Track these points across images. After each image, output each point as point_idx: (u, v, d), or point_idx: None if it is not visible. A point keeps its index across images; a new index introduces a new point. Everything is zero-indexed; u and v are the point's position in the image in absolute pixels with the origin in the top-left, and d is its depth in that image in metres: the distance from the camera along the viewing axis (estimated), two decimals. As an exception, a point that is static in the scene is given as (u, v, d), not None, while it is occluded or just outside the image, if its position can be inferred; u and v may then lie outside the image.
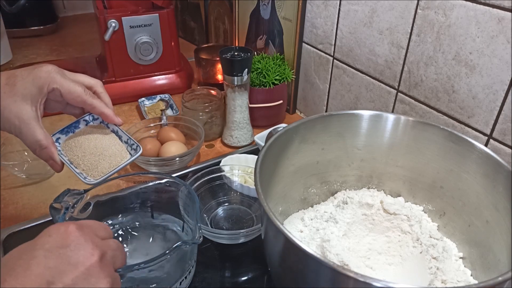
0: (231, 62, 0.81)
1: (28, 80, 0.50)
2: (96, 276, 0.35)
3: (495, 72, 0.58)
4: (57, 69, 0.52)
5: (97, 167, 0.54)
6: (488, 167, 0.52)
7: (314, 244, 0.55)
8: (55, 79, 0.51)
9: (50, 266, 0.33)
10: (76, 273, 0.34)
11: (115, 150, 0.56)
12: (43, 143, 0.50)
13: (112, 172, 0.54)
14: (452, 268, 0.52)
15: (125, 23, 0.97)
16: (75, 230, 0.36)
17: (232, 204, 0.72)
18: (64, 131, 0.57)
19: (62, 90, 0.51)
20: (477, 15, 0.58)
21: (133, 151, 0.57)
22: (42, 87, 0.50)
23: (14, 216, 0.70)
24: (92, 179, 0.54)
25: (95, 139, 0.56)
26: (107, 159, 0.55)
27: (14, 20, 1.39)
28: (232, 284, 0.60)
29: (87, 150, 0.55)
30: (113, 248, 0.39)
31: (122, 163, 0.55)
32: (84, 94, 0.53)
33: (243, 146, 0.90)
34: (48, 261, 0.33)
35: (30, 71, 0.50)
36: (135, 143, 0.57)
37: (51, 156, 0.52)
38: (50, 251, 0.34)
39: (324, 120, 0.60)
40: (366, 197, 0.61)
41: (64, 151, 0.55)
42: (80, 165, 0.54)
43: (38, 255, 0.33)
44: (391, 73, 0.75)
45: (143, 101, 1.02)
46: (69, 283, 0.33)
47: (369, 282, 0.35)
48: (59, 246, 0.34)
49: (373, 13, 0.74)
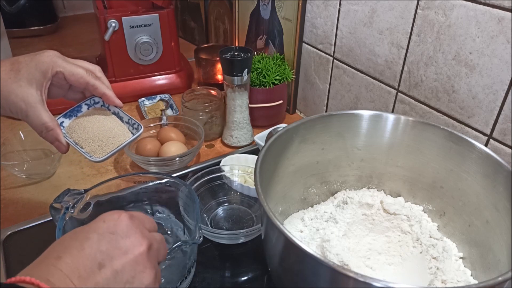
0: (231, 62, 0.81)
1: (32, 66, 0.51)
2: (142, 265, 0.36)
3: (495, 72, 0.58)
4: (58, 54, 0.54)
5: (102, 147, 0.56)
6: (488, 167, 0.52)
7: (314, 244, 0.55)
8: (57, 63, 0.53)
9: (102, 249, 0.35)
10: (125, 259, 0.35)
11: (118, 131, 0.58)
12: (49, 125, 0.52)
13: (116, 150, 0.56)
14: (452, 268, 0.52)
15: (125, 23, 0.97)
16: (127, 219, 0.38)
17: (232, 204, 0.72)
18: (67, 115, 0.58)
19: (66, 73, 0.53)
20: (477, 15, 0.58)
21: (134, 130, 0.59)
22: (46, 71, 0.52)
23: (14, 216, 0.70)
24: (98, 157, 0.56)
25: (97, 121, 0.57)
26: (110, 140, 0.57)
27: (14, 20, 1.39)
28: (232, 284, 0.60)
29: (91, 132, 0.56)
30: (158, 241, 0.41)
31: (125, 141, 0.57)
32: (86, 75, 0.54)
33: (243, 146, 0.90)
34: (100, 244, 0.35)
35: (33, 57, 0.52)
36: (136, 122, 0.59)
37: (57, 137, 0.53)
38: (103, 235, 0.36)
39: (324, 120, 0.60)
40: (366, 197, 0.61)
41: (69, 133, 0.57)
42: (85, 147, 0.56)
43: (92, 237, 0.36)
44: (391, 73, 0.75)
45: (143, 101, 1.02)
46: (118, 268, 0.35)
47: (369, 282, 0.35)
48: (111, 232, 0.36)
49: (373, 13, 0.74)
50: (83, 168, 0.82)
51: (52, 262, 0.33)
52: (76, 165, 0.82)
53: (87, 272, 0.33)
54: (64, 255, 0.34)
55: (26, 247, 0.63)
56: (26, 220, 0.68)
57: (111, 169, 0.82)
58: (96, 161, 0.55)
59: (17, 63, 0.52)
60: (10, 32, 1.32)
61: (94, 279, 0.33)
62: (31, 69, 0.51)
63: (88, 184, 0.72)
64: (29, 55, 0.52)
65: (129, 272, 0.35)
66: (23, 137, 0.80)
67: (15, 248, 0.63)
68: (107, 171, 0.81)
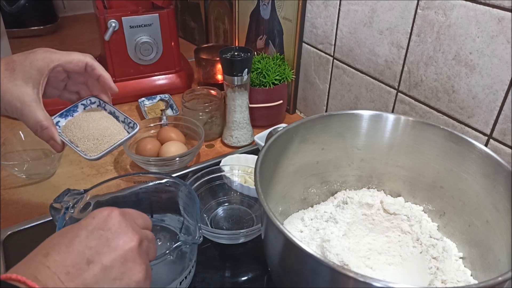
0: (231, 62, 0.81)
1: (27, 64, 0.51)
2: (132, 261, 0.36)
3: (495, 72, 0.58)
4: (50, 49, 0.54)
5: (97, 146, 0.56)
6: (488, 167, 0.52)
7: (314, 244, 0.55)
8: (51, 57, 0.52)
9: (91, 245, 0.35)
10: (115, 255, 0.35)
11: (113, 129, 0.57)
12: (44, 123, 0.52)
13: (111, 148, 0.56)
14: (452, 268, 0.52)
15: (125, 23, 0.97)
16: (118, 215, 0.38)
17: (232, 204, 0.72)
18: (63, 115, 0.58)
19: (63, 63, 0.53)
20: (477, 15, 0.58)
21: (130, 129, 0.59)
22: (43, 68, 0.51)
23: (14, 216, 0.70)
24: (92, 155, 0.55)
25: (93, 121, 0.57)
26: (106, 139, 0.56)
27: (14, 20, 1.39)
28: (232, 284, 0.60)
29: (86, 131, 0.56)
30: (149, 238, 0.41)
31: (120, 140, 0.57)
32: (83, 57, 0.54)
33: (243, 146, 0.90)
34: (89, 241, 0.35)
35: (26, 56, 0.52)
36: (132, 121, 0.59)
37: (52, 136, 0.53)
38: (92, 232, 0.36)
39: (324, 120, 0.60)
40: (366, 197, 0.61)
41: (64, 133, 0.57)
42: (80, 145, 0.56)
43: (81, 234, 0.35)
44: (391, 73, 0.75)
45: (143, 101, 1.02)
46: (107, 263, 0.34)
47: (369, 282, 0.35)
48: (101, 228, 0.36)
49: (373, 13, 0.74)
50: (83, 168, 0.82)
51: (39, 259, 0.33)
52: (76, 165, 0.82)
53: (75, 268, 0.33)
54: (52, 252, 0.34)
55: (26, 247, 0.61)
56: (26, 220, 0.68)
57: (111, 169, 0.82)
58: (91, 159, 0.55)
59: (11, 62, 0.51)
60: (10, 32, 1.32)
61: (82, 276, 0.33)
62: (26, 68, 0.51)
63: (88, 184, 0.72)
64: (22, 54, 0.52)
65: (118, 268, 0.35)
66: (23, 137, 0.80)
67: (15, 248, 0.63)
68: (107, 171, 0.81)
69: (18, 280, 0.30)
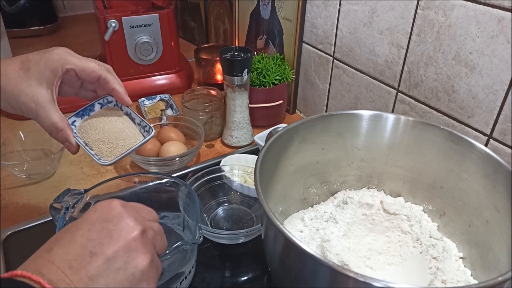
0: (231, 62, 0.81)
1: (41, 64, 0.51)
2: (135, 251, 0.36)
3: (495, 72, 0.58)
4: (67, 50, 0.53)
5: (111, 150, 0.56)
6: (488, 167, 0.52)
7: (314, 244, 0.55)
8: (67, 60, 0.52)
9: (93, 238, 0.35)
10: (117, 245, 0.35)
11: (129, 132, 0.57)
12: (59, 125, 0.52)
13: (125, 154, 0.56)
14: (452, 268, 0.52)
15: (125, 23, 0.97)
16: (119, 206, 0.38)
17: (232, 204, 0.72)
18: (79, 114, 0.58)
19: (77, 69, 0.52)
20: (477, 15, 0.58)
21: (145, 133, 0.58)
22: (56, 70, 0.51)
23: (14, 216, 0.70)
24: (106, 160, 0.55)
25: (109, 122, 0.57)
26: (121, 142, 0.56)
27: (14, 20, 1.39)
28: (232, 284, 0.60)
29: (102, 133, 0.56)
30: (155, 230, 0.40)
31: (135, 145, 0.56)
32: (98, 68, 0.54)
33: (243, 146, 0.90)
34: (91, 233, 0.35)
35: (42, 55, 0.51)
36: (148, 124, 0.58)
37: (67, 138, 0.53)
38: (94, 224, 0.36)
39: (324, 120, 0.60)
40: (366, 197, 0.61)
41: (80, 133, 0.56)
42: (95, 148, 0.55)
43: (83, 228, 0.36)
44: (391, 73, 0.75)
45: (143, 101, 1.02)
46: (110, 254, 0.35)
47: (369, 282, 0.35)
48: (102, 220, 0.36)
49: (373, 13, 0.74)
50: (83, 168, 0.82)
51: (44, 255, 0.34)
52: (76, 165, 0.82)
53: (78, 261, 0.33)
54: (55, 247, 0.34)
55: (26, 247, 0.62)
56: (26, 220, 0.68)
57: (111, 169, 0.82)
58: (105, 164, 0.54)
59: (26, 62, 0.51)
60: (10, 32, 1.32)
61: (85, 268, 0.33)
62: (40, 68, 0.50)
63: (88, 184, 0.72)
64: (38, 53, 0.52)
65: (122, 258, 0.35)
66: (23, 137, 0.80)
67: (15, 248, 0.63)
68: (107, 171, 0.81)
69: (23, 275, 0.31)
